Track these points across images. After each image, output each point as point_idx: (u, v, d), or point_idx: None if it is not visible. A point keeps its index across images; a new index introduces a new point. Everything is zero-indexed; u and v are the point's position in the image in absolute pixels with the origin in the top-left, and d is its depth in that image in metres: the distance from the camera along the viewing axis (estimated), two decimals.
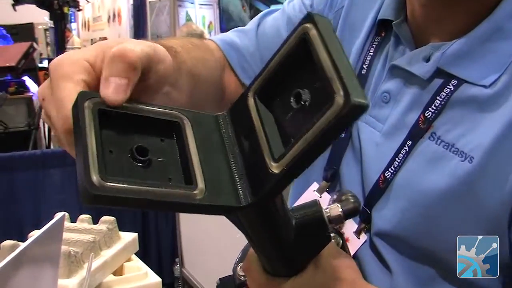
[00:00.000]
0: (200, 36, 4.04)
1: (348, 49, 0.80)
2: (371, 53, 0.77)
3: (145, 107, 0.48)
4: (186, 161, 0.46)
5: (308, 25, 0.43)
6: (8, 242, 1.01)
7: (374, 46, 0.77)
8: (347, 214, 0.61)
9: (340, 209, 0.60)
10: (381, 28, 0.77)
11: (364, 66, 0.77)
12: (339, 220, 0.60)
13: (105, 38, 8.69)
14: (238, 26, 0.95)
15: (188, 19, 6.09)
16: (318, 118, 0.39)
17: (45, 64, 5.39)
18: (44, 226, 0.87)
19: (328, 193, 0.76)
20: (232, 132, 0.50)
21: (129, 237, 1.18)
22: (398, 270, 0.70)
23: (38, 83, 4.57)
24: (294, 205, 0.57)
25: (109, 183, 0.40)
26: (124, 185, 0.41)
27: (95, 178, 0.40)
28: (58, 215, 0.84)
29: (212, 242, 2.61)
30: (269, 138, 0.45)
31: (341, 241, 0.66)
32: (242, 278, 0.66)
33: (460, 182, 0.63)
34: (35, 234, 0.88)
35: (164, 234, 3.02)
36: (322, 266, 0.57)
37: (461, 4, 0.67)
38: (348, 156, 0.76)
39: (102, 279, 1.04)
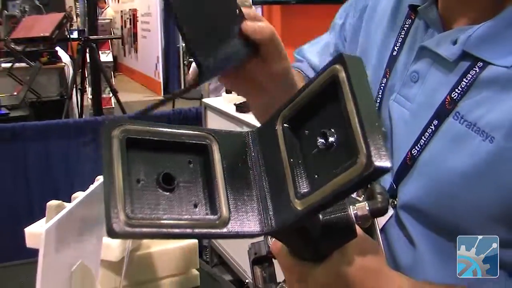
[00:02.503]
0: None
1: (375, 34, 0.84)
2: (402, 35, 0.79)
3: (173, 130, 0.49)
4: (211, 185, 0.48)
5: (338, 66, 0.44)
6: (53, 202, 1.05)
7: (405, 29, 0.79)
8: (374, 214, 0.63)
9: (367, 208, 0.62)
10: (412, 12, 0.79)
11: (396, 48, 0.79)
12: (366, 219, 0.63)
13: (135, 10, 8.72)
14: None
15: None
16: (341, 170, 0.42)
17: (74, 35, 5.44)
18: (90, 187, 0.91)
19: None
20: (260, 154, 0.52)
21: None
22: (422, 243, 0.72)
23: (72, 53, 4.61)
24: None
25: (135, 221, 0.42)
26: (150, 221, 0.43)
27: (121, 216, 0.41)
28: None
29: None
30: (294, 171, 0.47)
31: (370, 221, 0.68)
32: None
33: (481, 161, 0.65)
34: (79, 195, 0.93)
35: None
36: (347, 255, 0.60)
37: None
38: None
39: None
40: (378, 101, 0.79)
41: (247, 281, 2.65)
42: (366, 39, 0.87)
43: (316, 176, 0.46)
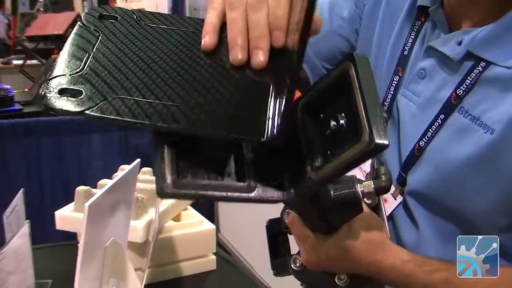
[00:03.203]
0: None
1: (390, 29, 0.89)
2: (412, 36, 0.85)
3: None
4: (241, 160, 0.55)
5: (349, 63, 0.53)
6: (82, 188, 1.12)
7: (415, 30, 0.84)
8: (379, 192, 0.71)
9: (373, 186, 0.70)
10: (421, 13, 0.84)
11: (406, 48, 0.85)
12: (371, 196, 0.70)
13: (142, 9, 8.78)
14: None
15: None
16: (348, 147, 0.50)
17: None
18: (121, 172, 0.98)
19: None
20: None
21: None
22: (425, 226, 0.78)
23: None
24: None
25: (180, 185, 0.50)
26: (193, 186, 0.51)
27: (169, 180, 0.49)
28: (134, 162, 0.94)
29: (247, 208, 2.71)
30: (310, 146, 0.56)
31: (376, 200, 0.75)
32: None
33: (481, 151, 0.71)
34: (106, 183, 0.99)
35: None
36: (354, 229, 0.68)
37: None
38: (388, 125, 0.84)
39: (164, 224, 1.16)
40: (389, 96, 0.85)
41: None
42: (382, 33, 0.91)
43: (328, 152, 0.54)
